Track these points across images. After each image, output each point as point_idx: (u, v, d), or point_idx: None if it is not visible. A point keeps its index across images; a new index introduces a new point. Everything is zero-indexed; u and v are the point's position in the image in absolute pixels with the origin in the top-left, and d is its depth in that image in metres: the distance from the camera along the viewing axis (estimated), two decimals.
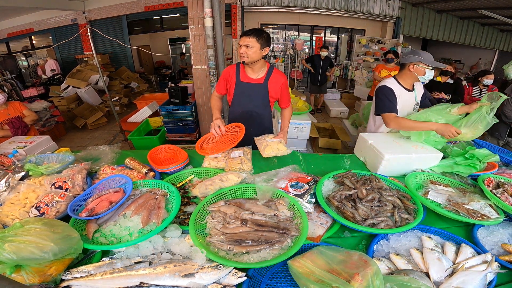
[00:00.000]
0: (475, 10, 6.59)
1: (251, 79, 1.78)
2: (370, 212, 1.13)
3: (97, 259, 0.95)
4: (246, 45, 1.60)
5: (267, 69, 1.79)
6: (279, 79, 1.80)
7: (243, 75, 1.78)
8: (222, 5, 3.17)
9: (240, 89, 1.80)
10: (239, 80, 1.78)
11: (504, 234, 1.11)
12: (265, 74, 1.78)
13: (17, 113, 2.52)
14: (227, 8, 6.72)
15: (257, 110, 1.87)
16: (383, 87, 1.83)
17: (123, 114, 5.88)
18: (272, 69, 1.80)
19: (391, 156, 1.52)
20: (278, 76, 1.80)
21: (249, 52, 1.61)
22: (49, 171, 1.39)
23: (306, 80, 8.12)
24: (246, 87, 1.79)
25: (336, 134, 4.11)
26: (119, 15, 7.69)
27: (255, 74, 1.78)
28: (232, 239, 0.96)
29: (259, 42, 1.61)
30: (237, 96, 1.83)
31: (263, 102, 1.85)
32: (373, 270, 0.75)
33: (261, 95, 1.81)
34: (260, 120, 1.91)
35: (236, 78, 1.79)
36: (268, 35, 1.66)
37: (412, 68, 1.76)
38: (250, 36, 1.59)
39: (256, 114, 1.88)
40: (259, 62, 1.72)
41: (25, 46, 9.33)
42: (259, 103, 1.85)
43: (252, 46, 1.60)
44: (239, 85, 1.79)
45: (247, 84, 1.79)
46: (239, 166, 1.53)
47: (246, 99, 1.83)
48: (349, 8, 7.48)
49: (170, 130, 3.54)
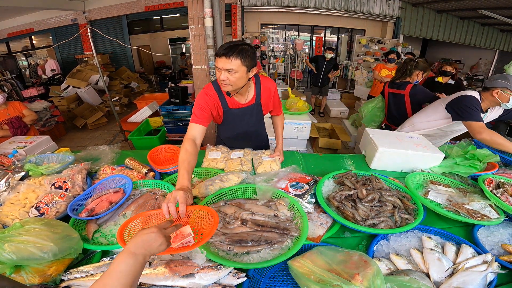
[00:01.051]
0: (475, 10, 6.59)
1: (241, 104, 1.51)
2: (370, 212, 1.13)
3: (97, 259, 0.95)
4: (228, 70, 1.21)
5: (254, 85, 1.49)
6: (270, 89, 1.55)
7: (230, 102, 1.48)
8: (222, 5, 3.17)
9: (231, 116, 1.54)
10: (228, 108, 1.49)
11: (504, 234, 1.10)
12: (254, 93, 1.50)
13: (16, 113, 2.52)
14: (227, 8, 6.72)
15: (252, 128, 1.69)
16: (473, 98, 1.71)
17: (123, 114, 5.88)
18: (259, 82, 1.50)
19: (385, 149, 1.56)
20: (268, 86, 1.53)
21: (232, 79, 1.23)
22: (49, 171, 1.39)
23: (306, 80, 8.13)
24: (237, 113, 1.53)
25: (336, 134, 4.11)
26: (119, 15, 7.69)
27: (244, 97, 1.49)
28: (232, 239, 0.96)
29: (245, 64, 1.22)
30: (228, 122, 1.60)
31: (258, 119, 1.65)
32: (374, 270, 0.74)
33: (255, 114, 1.59)
34: (256, 135, 1.80)
35: (223, 107, 1.48)
36: (253, 51, 1.26)
37: (496, 93, 1.65)
38: (232, 57, 1.17)
39: (252, 132, 1.73)
40: (246, 86, 1.38)
41: (25, 46, 9.33)
42: (254, 123, 1.66)
43: (236, 71, 1.21)
44: (229, 112, 1.51)
45: (237, 110, 1.52)
46: (239, 167, 1.53)
47: (239, 123, 1.61)
48: (349, 8, 7.47)
49: (170, 130, 3.53)
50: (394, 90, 2.54)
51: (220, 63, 1.21)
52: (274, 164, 1.56)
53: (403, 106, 2.50)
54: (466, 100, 1.72)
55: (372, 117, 3.03)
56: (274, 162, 1.56)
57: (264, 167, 1.54)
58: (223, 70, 1.22)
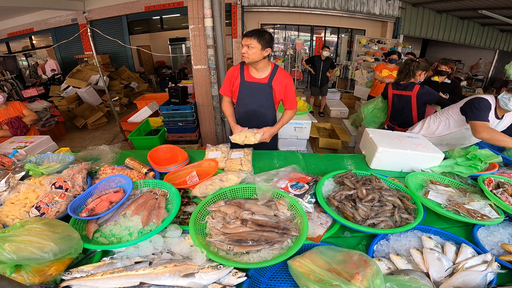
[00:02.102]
0: (475, 10, 6.59)
1: (255, 79, 1.80)
2: (370, 212, 1.13)
3: (97, 259, 0.95)
4: (247, 45, 1.62)
5: (271, 68, 1.80)
6: (283, 80, 1.79)
7: (247, 75, 1.80)
8: (222, 5, 3.17)
9: (245, 89, 1.82)
10: (244, 80, 1.81)
11: (504, 234, 1.11)
12: (269, 74, 1.79)
13: (16, 113, 2.51)
14: (227, 8, 6.72)
15: (261, 109, 1.88)
16: (484, 100, 1.72)
17: (123, 114, 5.88)
18: (277, 69, 1.80)
19: (385, 149, 1.56)
20: (282, 76, 1.79)
21: (250, 53, 1.63)
22: (49, 171, 1.39)
23: (306, 80, 8.12)
24: (250, 86, 1.81)
25: (336, 134, 4.12)
26: (119, 15, 7.69)
27: (259, 73, 1.80)
28: (232, 239, 0.96)
29: (260, 43, 1.62)
30: (242, 95, 1.85)
31: (267, 101, 1.86)
32: (374, 270, 0.75)
33: (265, 95, 1.83)
34: (263, 119, 1.90)
35: (241, 78, 1.81)
36: (270, 36, 1.66)
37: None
38: (252, 37, 1.60)
39: (260, 114, 1.89)
40: (262, 62, 1.73)
41: (25, 46, 9.33)
42: (263, 103, 1.86)
43: (254, 47, 1.62)
44: (244, 84, 1.81)
45: (251, 83, 1.81)
46: (239, 167, 1.53)
47: (250, 98, 1.85)
48: (349, 8, 7.47)
49: (170, 130, 3.53)
50: (400, 92, 2.54)
51: (244, 40, 1.65)
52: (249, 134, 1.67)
53: (408, 107, 2.50)
54: (475, 101, 1.74)
55: (373, 118, 3.03)
56: (250, 133, 1.67)
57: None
58: (245, 46, 1.63)
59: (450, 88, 3.54)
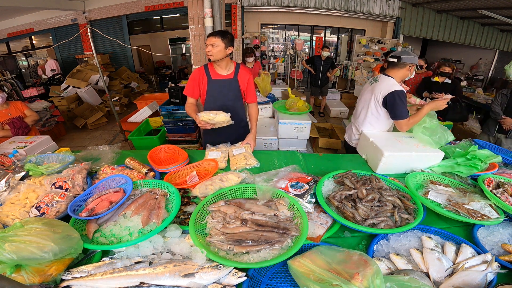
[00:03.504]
0: (475, 10, 6.58)
1: (222, 76, 1.91)
2: (370, 212, 1.13)
3: (97, 259, 0.95)
4: (211, 44, 1.74)
5: (234, 66, 1.94)
6: (246, 75, 1.95)
7: (213, 73, 1.90)
8: (222, 5, 3.17)
9: (213, 86, 1.91)
10: (211, 78, 1.89)
11: (504, 234, 1.11)
12: (233, 70, 1.93)
13: (18, 113, 2.51)
14: (227, 8, 6.71)
15: (231, 103, 1.96)
16: (400, 92, 1.78)
17: (123, 114, 5.88)
18: (239, 65, 1.96)
19: (391, 153, 1.54)
20: (245, 72, 1.96)
21: (214, 51, 1.75)
22: (49, 171, 1.39)
23: (306, 80, 8.12)
24: (218, 83, 1.91)
25: (336, 134, 4.11)
26: (119, 15, 7.69)
27: (224, 71, 1.91)
28: (232, 239, 0.96)
29: (224, 42, 1.74)
30: (211, 92, 1.92)
31: (235, 95, 1.97)
32: (373, 270, 0.75)
33: (233, 89, 1.95)
34: (235, 112, 1.94)
35: (207, 77, 1.90)
36: (232, 37, 1.80)
37: (409, 69, 1.83)
38: (216, 36, 1.73)
39: (231, 107, 1.95)
40: (225, 60, 1.85)
41: (25, 46, 9.33)
42: (232, 97, 1.96)
43: (218, 45, 1.74)
44: (211, 82, 1.90)
45: (219, 80, 1.91)
46: (245, 161, 1.56)
47: (219, 94, 1.94)
48: (349, 8, 7.47)
49: (170, 130, 3.53)
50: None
51: (208, 40, 1.76)
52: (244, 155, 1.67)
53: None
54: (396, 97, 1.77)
55: None
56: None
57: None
58: (209, 45, 1.74)
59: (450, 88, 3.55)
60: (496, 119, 3.02)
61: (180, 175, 1.53)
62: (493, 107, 3.01)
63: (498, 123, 3.03)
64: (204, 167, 1.57)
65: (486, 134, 3.20)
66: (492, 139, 3.13)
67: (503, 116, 2.93)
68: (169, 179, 1.43)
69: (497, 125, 3.05)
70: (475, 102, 5.29)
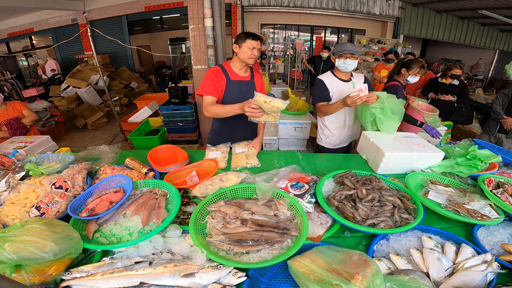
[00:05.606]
0: (475, 10, 6.59)
1: (240, 77, 1.91)
2: (370, 212, 1.13)
3: (97, 259, 0.95)
4: (258, 48, 1.78)
5: (249, 68, 1.98)
6: (260, 78, 2.02)
7: (232, 74, 1.89)
8: (222, 5, 3.17)
9: (232, 87, 1.90)
10: (230, 79, 1.88)
11: (504, 234, 1.11)
12: (249, 73, 1.97)
13: (16, 114, 2.48)
14: (227, 8, 6.73)
15: None
16: (319, 80, 2.08)
17: (123, 114, 5.88)
18: (252, 68, 2.00)
19: (392, 153, 1.54)
20: (259, 75, 2.03)
21: (257, 55, 1.82)
22: (49, 171, 1.39)
23: (306, 80, 8.13)
24: (237, 84, 1.91)
25: None
26: (119, 15, 7.70)
27: (242, 73, 1.93)
28: (232, 239, 0.96)
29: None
30: (229, 93, 1.90)
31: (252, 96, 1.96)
32: (374, 270, 0.75)
33: (250, 91, 1.94)
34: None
35: (226, 78, 1.88)
36: None
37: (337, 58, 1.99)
38: (258, 40, 1.78)
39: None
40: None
41: (25, 46, 9.34)
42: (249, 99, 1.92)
43: (259, 49, 1.80)
44: (230, 83, 1.89)
45: (237, 82, 1.91)
46: (246, 160, 1.56)
47: (238, 96, 1.90)
48: (349, 8, 7.48)
49: (170, 130, 3.54)
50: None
51: (256, 43, 1.76)
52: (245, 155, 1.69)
53: None
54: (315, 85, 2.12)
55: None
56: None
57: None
58: (256, 48, 1.76)
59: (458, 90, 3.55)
60: (497, 119, 3.03)
61: (180, 175, 1.53)
62: (494, 107, 3.01)
63: (499, 123, 3.04)
64: (204, 167, 1.57)
65: (487, 134, 3.21)
66: (493, 139, 3.14)
67: (504, 116, 2.93)
68: (169, 179, 1.43)
69: (498, 125, 3.05)
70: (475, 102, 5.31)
